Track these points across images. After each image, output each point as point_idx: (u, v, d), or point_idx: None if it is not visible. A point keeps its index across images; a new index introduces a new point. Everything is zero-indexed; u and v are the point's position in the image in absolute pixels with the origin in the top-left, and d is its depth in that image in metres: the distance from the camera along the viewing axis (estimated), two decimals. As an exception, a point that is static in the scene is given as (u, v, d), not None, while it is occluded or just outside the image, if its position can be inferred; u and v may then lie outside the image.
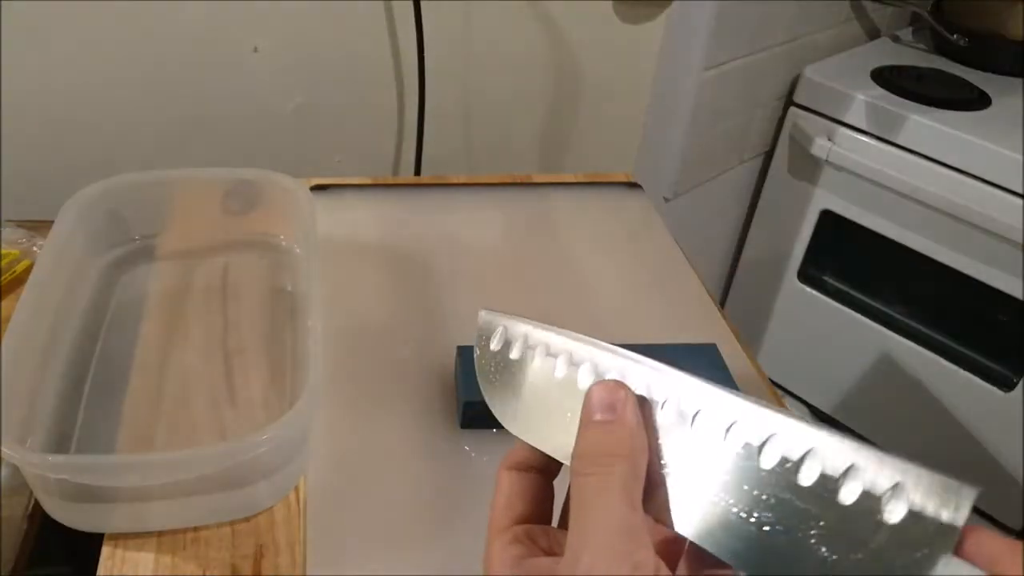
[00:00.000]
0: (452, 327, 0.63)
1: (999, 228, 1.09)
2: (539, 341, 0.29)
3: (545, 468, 0.29)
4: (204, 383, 0.55)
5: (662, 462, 0.25)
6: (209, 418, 0.53)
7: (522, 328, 0.30)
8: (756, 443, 0.23)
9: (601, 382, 0.26)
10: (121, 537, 0.46)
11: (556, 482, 0.30)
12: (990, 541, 0.21)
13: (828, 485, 0.22)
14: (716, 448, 0.24)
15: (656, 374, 0.26)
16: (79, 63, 0.76)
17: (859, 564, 0.21)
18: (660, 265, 0.74)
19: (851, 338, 1.35)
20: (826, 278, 1.40)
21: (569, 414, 0.27)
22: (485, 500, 0.50)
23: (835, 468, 0.22)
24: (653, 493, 0.25)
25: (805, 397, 1.48)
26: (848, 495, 0.22)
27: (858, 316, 1.34)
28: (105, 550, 0.46)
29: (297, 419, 0.44)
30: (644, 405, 0.26)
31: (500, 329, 0.30)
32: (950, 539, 0.20)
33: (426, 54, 0.89)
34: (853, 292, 1.38)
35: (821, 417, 1.46)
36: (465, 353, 0.56)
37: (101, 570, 0.45)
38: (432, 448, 0.53)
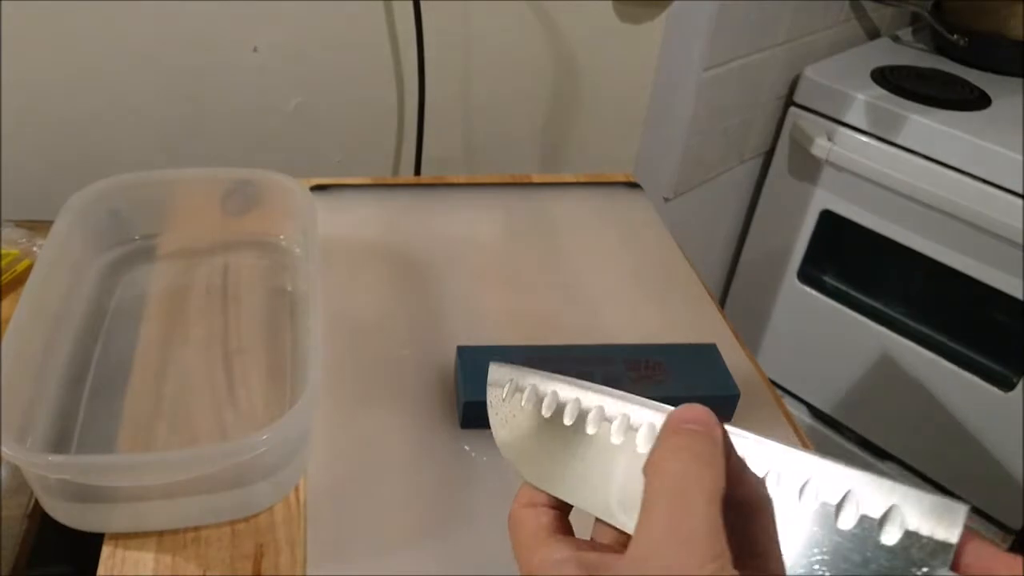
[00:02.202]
0: (452, 327, 0.63)
1: (999, 228, 1.09)
2: (548, 391, 0.30)
3: (560, 505, 0.29)
4: (204, 383, 0.55)
5: None
6: (209, 418, 0.53)
7: (532, 379, 0.31)
8: (760, 474, 0.25)
9: (689, 407, 0.26)
10: (121, 537, 0.46)
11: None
12: (986, 553, 0.21)
13: (828, 511, 0.23)
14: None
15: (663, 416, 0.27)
16: (79, 63, 0.76)
17: None
18: (660, 265, 0.74)
19: (851, 338, 1.35)
20: (826, 278, 1.40)
21: (582, 462, 0.28)
22: (485, 500, 0.50)
23: (834, 495, 0.23)
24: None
25: (805, 397, 1.48)
26: (847, 521, 0.22)
27: (858, 316, 1.33)
28: (105, 550, 0.46)
29: (297, 419, 0.44)
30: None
31: (511, 381, 0.31)
32: (946, 556, 0.21)
33: (426, 54, 0.89)
34: (853, 292, 1.38)
35: (821, 417, 1.46)
36: (465, 353, 0.56)
37: (101, 570, 0.45)
38: (432, 448, 0.53)
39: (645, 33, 1.03)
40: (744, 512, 0.24)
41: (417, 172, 0.97)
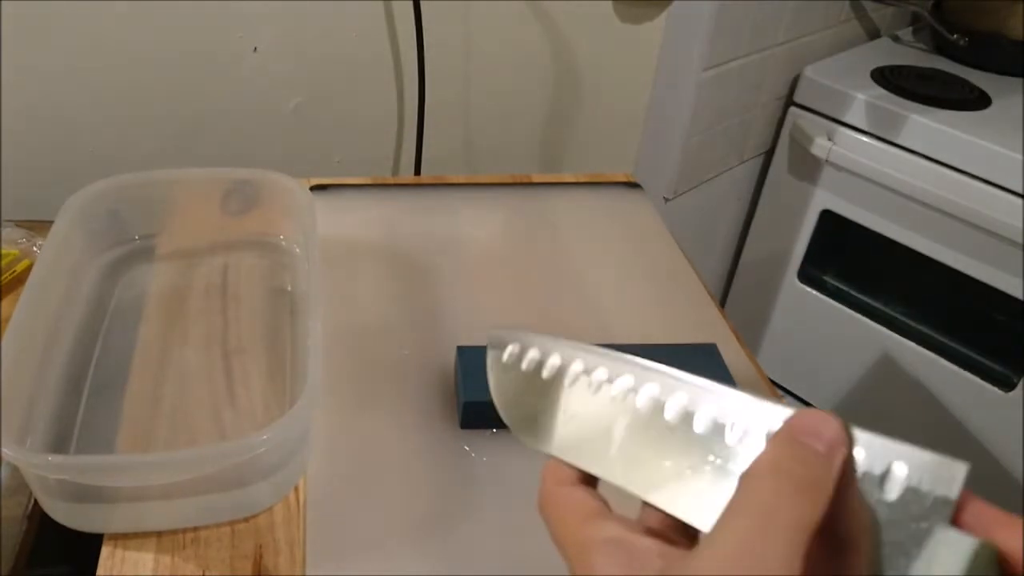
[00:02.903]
0: (452, 327, 0.63)
1: (999, 228, 1.09)
2: (549, 352, 0.30)
3: (590, 480, 0.27)
4: (204, 383, 0.55)
5: None
6: (209, 418, 0.53)
7: (532, 341, 0.30)
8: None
9: (815, 414, 0.24)
10: (121, 537, 0.46)
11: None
12: (985, 511, 0.22)
13: None
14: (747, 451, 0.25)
15: (683, 384, 0.27)
16: (79, 63, 0.76)
17: None
18: (660, 265, 0.74)
19: (851, 338, 1.35)
20: (826, 278, 1.40)
21: (584, 422, 0.27)
22: (485, 500, 0.50)
23: None
24: None
25: (805, 397, 1.48)
26: None
27: (858, 316, 1.33)
28: (105, 550, 0.46)
29: (297, 419, 0.44)
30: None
31: (511, 344, 0.31)
32: (946, 511, 0.21)
33: (426, 54, 0.89)
34: (853, 292, 1.38)
35: (821, 417, 1.46)
36: (465, 353, 0.56)
37: (101, 570, 0.45)
38: (432, 448, 0.53)
39: (645, 33, 1.03)
40: (843, 544, 0.22)
41: (417, 172, 0.97)
